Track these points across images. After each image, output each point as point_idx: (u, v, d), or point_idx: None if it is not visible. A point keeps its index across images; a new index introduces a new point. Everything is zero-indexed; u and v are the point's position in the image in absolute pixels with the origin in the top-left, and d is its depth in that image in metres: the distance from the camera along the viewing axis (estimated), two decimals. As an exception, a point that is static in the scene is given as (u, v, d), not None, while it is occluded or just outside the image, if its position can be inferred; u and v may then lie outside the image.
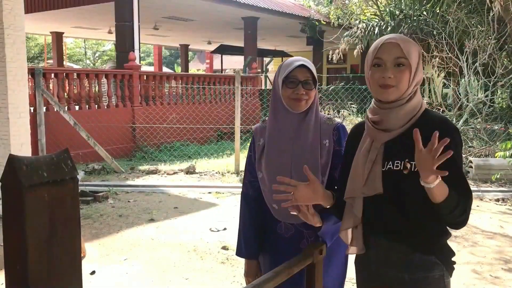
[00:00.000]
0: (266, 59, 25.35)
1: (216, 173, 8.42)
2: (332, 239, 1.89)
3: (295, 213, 1.84)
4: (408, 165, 1.54)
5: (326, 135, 1.93)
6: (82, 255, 4.40)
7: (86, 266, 4.13)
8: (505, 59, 10.71)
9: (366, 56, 1.68)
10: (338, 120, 2.03)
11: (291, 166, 1.91)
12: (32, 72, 8.61)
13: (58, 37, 19.91)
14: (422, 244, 1.59)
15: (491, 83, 8.85)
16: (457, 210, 1.48)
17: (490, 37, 9.29)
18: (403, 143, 1.57)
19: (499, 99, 11.40)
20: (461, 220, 1.52)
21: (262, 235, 2.05)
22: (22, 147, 6.07)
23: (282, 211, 1.92)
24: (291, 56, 24.75)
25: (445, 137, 1.39)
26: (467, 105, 8.85)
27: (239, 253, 2.08)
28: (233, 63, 30.32)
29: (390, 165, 1.58)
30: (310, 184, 1.66)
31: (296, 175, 1.87)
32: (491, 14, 9.08)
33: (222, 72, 23.50)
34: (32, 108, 8.50)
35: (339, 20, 15.03)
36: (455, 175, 1.49)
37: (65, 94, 9.93)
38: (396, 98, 1.58)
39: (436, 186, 1.42)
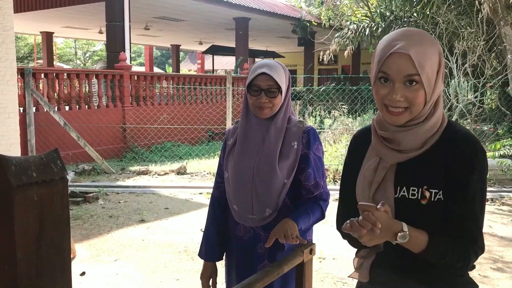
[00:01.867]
0: (258, 60, 25.40)
1: (207, 173, 8.41)
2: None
3: (254, 216, 1.85)
4: (427, 194, 1.29)
5: (295, 137, 1.92)
6: (72, 256, 4.38)
7: (76, 266, 4.10)
8: (494, 61, 10.80)
9: (372, 58, 1.39)
10: (309, 124, 2.00)
11: (253, 168, 1.90)
12: (21, 72, 8.54)
13: (48, 37, 19.78)
14: (436, 280, 1.36)
15: (480, 84, 8.93)
16: (448, 259, 1.27)
17: (479, 39, 9.37)
18: (421, 166, 1.32)
19: (488, 100, 11.51)
20: (458, 267, 1.30)
21: (226, 237, 2.05)
22: (11, 148, 6.03)
23: (242, 214, 1.92)
24: (283, 56, 24.86)
25: (467, 159, 1.25)
26: (457, 106, 8.92)
27: (200, 254, 2.08)
28: (225, 64, 30.31)
29: (404, 191, 1.32)
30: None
31: (257, 178, 1.88)
32: (480, 16, 9.16)
33: (213, 73, 23.48)
34: (21, 108, 8.43)
35: (330, 21, 15.08)
36: (463, 214, 1.27)
37: (55, 94, 9.86)
38: (407, 120, 1.31)
39: (404, 243, 1.24)
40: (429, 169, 1.30)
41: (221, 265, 2.10)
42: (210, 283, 2.03)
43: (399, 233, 1.22)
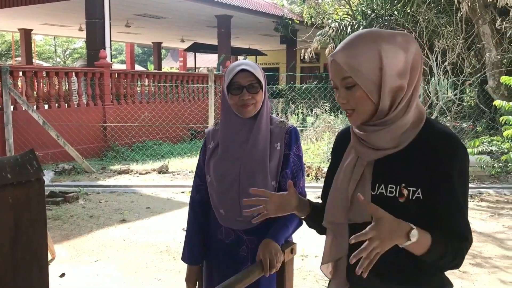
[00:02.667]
0: (240, 58, 25.37)
1: (189, 172, 8.37)
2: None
3: (241, 219, 1.84)
4: (405, 192, 1.27)
5: (278, 138, 1.90)
6: (51, 257, 4.32)
7: (56, 268, 4.05)
8: (473, 59, 10.97)
9: None
10: (290, 123, 1.98)
11: (240, 170, 1.87)
12: (-2, 70, 8.39)
13: (26, 34, 19.46)
14: (415, 279, 1.34)
15: (460, 82, 9.06)
16: (446, 259, 1.25)
17: (458, 37, 9.51)
18: (400, 164, 1.31)
19: (468, 97, 11.67)
20: (452, 266, 1.29)
21: (207, 240, 2.02)
22: (-12, 147, 5.92)
23: (229, 217, 1.90)
24: (265, 54, 24.86)
25: (447, 157, 1.24)
26: (437, 104, 9.04)
27: (183, 257, 2.04)
28: (207, 62, 30.21)
29: (382, 189, 1.31)
30: (287, 196, 1.49)
31: (244, 180, 1.86)
32: (459, 15, 9.30)
33: (195, 71, 23.38)
34: (-1, 107, 8.29)
35: (312, 19, 15.12)
36: (450, 211, 1.27)
37: (34, 92, 9.71)
38: (365, 121, 1.33)
39: (413, 243, 1.19)
40: (408, 167, 1.28)
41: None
42: (196, 287, 2.02)
43: (411, 231, 1.18)
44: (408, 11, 11.47)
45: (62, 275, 3.98)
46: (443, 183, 1.26)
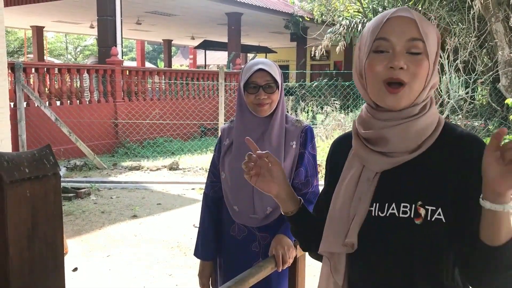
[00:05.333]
0: (250, 55, 25.37)
1: (199, 169, 8.40)
2: None
3: (256, 216, 1.84)
4: (422, 212, 1.02)
5: (294, 137, 1.91)
6: (64, 252, 4.36)
7: (69, 262, 4.09)
8: (485, 57, 10.87)
9: (358, 41, 1.14)
10: (306, 122, 1.98)
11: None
12: (12, 67, 8.47)
13: (38, 31, 19.60)
14: None
15: (472, 80, 8.99)
16: None
17: (470, 35, 9.42)
18: (413, 177, 1.06)
19: (479, 96, 11.58)
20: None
21: (220, 236, 2.03)
22: (2, 143, 5.98)
23: (243, 214, 1.91)
24: (275, 52, 24.83)
25: (475, 165, 0.95)
26: (448, 102, 8.98)
27: (196, 253, 2.06)
28: (217, 59, 30.21)
29: (393, 209, 1.06)
30: (272, 166, 1.22)
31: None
32: (472, 12, 9.21)
33: (205, 68, 23.41)
34: (12, 104, 8.37)
35: (323, 16, 15.06)
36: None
37: (46, 89, 9.79)
38: (407, 105, 1.06)
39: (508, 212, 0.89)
40: (424, 180, 1.04)
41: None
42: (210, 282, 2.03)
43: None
44: (420, 8, 11.39)
45: (75, 269, 4.02)
46: (472, 199, 0.95)
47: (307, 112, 11.34)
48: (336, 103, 11.04)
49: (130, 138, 10.54)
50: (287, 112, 2.03)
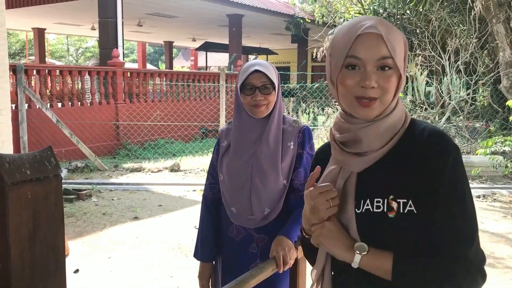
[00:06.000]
0: (251, 57, 25.37)
1: (201, 170, 8.40)
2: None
3: (253, 217, 1.85)
4: (395, 205, 1.07)
5: (291, 137, 1.91)
6: (66, 253, 4.37)
7: (70, 264, 4.09)
8: (486, 58, 10.88)
9: (330, 46, 1.17)
10: (303, 123, 1.98)
11: (252, 169, 1.89)
12: (13, 69, 8.48)
13: (40, 33, 19.64)
14: None
15: (473, 81, 8.99)
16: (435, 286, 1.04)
17: (471, 36, 9.42)
18: (384, 173, 1.12)
19: (480, 97, 11.57)
20: None
21: (219, 238, 2.04)
22: (3, 145, 6.00)
23: (241, 215, 1.91)
24: (276, 53, 24.83)
25: (439, 158, 1.05)
26: (449, 103, 8.97)
27: (195, 255, 2.06)
28: (218, 61, 30.24)
29: (368, 205, 1.11)
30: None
31: (256, 178, 1.87)
32: (473, 14, 9.21)
33: (206, 70, 23.42)
34: (13, 105, 8.38)
35: (324, 18, 15.07)
36: (444, 226, 1.04)
37: (48, 91, 9.81)
38: (378, 114, 1.12)
39: (367, 257, 1.06)
40: (394, 175, 1.10)
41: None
42: (210, 283, 2.03)
43: (355, 244, 1.08)
44: (421, 10, 11.39)
45: (76, 271, 4.02)
46: (442, 189, 1.05)
47: (308, 114, 11.34)
48: (337, 105, 11.04)
49: (131, 139, 10.55)
50: (287, 113, 2.04)
